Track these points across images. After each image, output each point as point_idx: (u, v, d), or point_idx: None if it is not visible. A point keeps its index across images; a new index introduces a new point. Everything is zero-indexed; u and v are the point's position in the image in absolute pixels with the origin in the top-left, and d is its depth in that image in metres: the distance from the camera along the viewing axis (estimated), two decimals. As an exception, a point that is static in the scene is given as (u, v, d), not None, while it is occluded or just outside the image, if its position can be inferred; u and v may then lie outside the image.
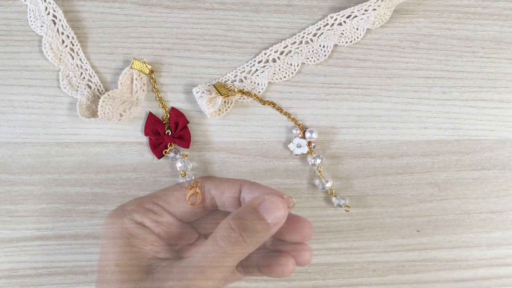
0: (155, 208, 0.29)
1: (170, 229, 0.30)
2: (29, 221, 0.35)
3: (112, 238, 0.28)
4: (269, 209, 0.27)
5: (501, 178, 0.39)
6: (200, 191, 0.31)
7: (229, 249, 0.26)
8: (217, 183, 0.30)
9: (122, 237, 0.28)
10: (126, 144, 0.37)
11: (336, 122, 0.38)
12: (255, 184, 0.30)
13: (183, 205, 0.30)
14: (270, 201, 0.27)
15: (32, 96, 0.37)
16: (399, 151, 0.38)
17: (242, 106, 0.38)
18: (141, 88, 0.37)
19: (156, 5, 0.39)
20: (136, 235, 0.28)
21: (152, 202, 0.29)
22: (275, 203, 0.27)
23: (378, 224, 0.37)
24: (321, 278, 0.37)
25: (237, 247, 0.26)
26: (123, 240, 0.28)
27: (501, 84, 0.40)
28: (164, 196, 0.30)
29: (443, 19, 0.41)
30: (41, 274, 0.35)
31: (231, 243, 0.26)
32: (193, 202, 0.30)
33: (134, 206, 0.29)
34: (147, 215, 0.29)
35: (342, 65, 0.39)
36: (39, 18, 0.37)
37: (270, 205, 0.27)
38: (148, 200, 0.30)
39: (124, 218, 0.28)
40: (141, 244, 0.28)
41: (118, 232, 0.28)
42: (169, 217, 0.30)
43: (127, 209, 0.29)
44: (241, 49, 0.39)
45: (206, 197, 0.30)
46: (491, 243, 0.38)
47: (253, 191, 0.29)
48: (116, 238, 0.28)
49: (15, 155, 0.36)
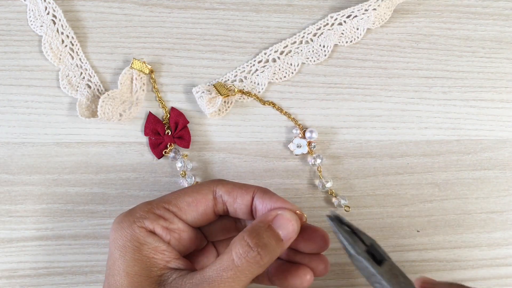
0: (166, 214, 0.28)
1: (181, 236, 0.29)
2: (28, 221, 0.35)
3: (122, 247, 0.26)
4: (283, 225, 0.27)
5: (501, 178, 0.39)
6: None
7: (246, 268, 0.25)
8: (229, 188, 0.29)
9: (132, 245, 0.26)
10: (126, 144, 0.37)
11: (336, 122, 0.38)
12: (267, 193, 0.29)
13: (194, 210, 0.29)
14: (283, 217, 0.27)
15: (32, 96, 0.37)
16: (399, 151, 0.38)
17: (242, 106, 0.38)
18: (141, 88, 0.37)
19: (156, 5, 0.39)
20: (146, 243, 0.27)
21: (162, 208, 0.28)
22: (288, 218, 0.27)
23: (378, 224, 0.37)
24: (321, 278, 0.37)
25: (254, 266, 0.25)
26: (133, 248, 0.26)
27: (501, 84, 0.40)
28: (174, 201, 0.28)
29: (443, 19, 0.41)
30: (40, 274, 0.35)
31: (248, 262, 0.25)
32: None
33: (144, 212, 0.28)
34: (158, 222, 0.27)
35: (342, 65, 0.39)
36: (38, 18, 0.37)
37: (284, 221, 0.27)
38: (158, 205, 0.28)
39: (134, 225, 0.27)
40: (151, 253, 0.27)
41: (128, 240, 0.27)
42: (180, 224, 0.28)
43: (137, 215, 0.27)
44: (241, 49, 0.39)
45: (217, 202, 0.29)
46: (492, 243, 0.38)
47: (266, 201, 0.28)
48: (126, 246, 0.26)
49: (15, 155, 0.36)
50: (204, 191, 0.29)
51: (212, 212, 0.29)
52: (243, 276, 0.25)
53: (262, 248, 0.25)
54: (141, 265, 0.26)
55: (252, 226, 0.27)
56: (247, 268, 0.25)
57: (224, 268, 0.25)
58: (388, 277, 0.25)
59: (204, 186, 0.29)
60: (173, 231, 0.28)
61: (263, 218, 0.27)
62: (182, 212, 0.28)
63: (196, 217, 0.29)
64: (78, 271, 0.35)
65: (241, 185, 0.29)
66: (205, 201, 0.29)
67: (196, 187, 0.29)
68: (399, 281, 0.25)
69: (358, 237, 0.27)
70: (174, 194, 0.29)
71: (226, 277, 0.25)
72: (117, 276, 0.26)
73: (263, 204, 0.28)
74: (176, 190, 0.29)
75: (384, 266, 0.26)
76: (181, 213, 0.28)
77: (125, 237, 0.27)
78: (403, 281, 0.25)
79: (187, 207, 0.28)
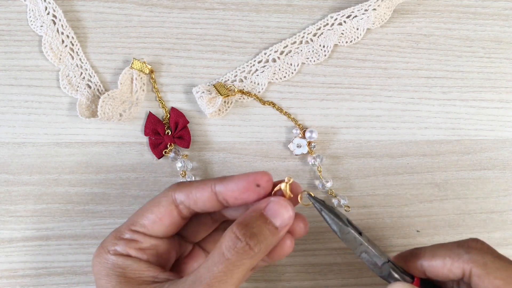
0: (135, 235, 0.28)
1: (158, 250, 0.28)
2: (28, 221, 0.35)
3: (106, 276, 0.26)
4: (277, 211, 0.26)
5: (501, 178, 0.39)
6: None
7: (237, 260, 0.24)
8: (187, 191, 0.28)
9: (115, 272, 0.26)
10: (126, 144, 0.37)
11: (336, 122, 0.38)
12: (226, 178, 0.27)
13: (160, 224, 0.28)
14: (276, 203, 0.26)
15: (32, 96, 0.37)
16: (399, 151, 0.38)
17: (242, 106, 0.38)
18: (141, 88, 0.37)
19: (156, 5, 0.39)
20: (127, 266, 0.27)
21: (129, 231, 0.28)
22: (282, 204, 0.26)
23: (378, 224, 0.37)
24: (321, 278, 0.37)
25: (245, 257, 0.24)
26: (117, 274, 0.26)
27: (501, 84, 0.40)
28: (140, 220, 0.28)
29: (443, 19, 0.41)
30: (41, 274, 0.35)
31: (238, 253, 0.24)
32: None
33: (114, 239, 0.27)
34: (130, 246, 0.27)
35: (342, 65, 0.39)
36: (39, 18, 0.37)
37: (277, 207, 0.26)
38: (125, 229, 0.28)
39: (108, 254, 0.27)
40: (136, 273, 0.27)
41: (110, 268, 0.27)
42: (152, 240, 0.28)
43: (107, 245, 0.27)
44: (241, 49, 0.39)
45: (180, 208, 0.28)
46: (492, 243, 0.37)
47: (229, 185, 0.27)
48: (110, 274, 0.26)
49: (15, 155, 0.36)
50: (164, 203, 0.28)
51: (179, 219, 0.28)
52: (235, 269, 0.24)
53: (251, 238, 0.24)
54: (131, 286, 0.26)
55: (243, 216, 0.26)
56: (238, 260, 0.24)
57: (215, 263, 0.24)
58: (372, 245, 0.28)
59: (163, 197, 0.28)
60: (147, 249, 0.28)
61: (255, 207, 0.26)
62: (149, 230, 0.28)
63: (165, 230, 0.28)
64: (78, 271, 0.35)
65: (198, 183, 0.28)
66: (168, 212, 0.28)
67: (155, 201, 0.28)
68: (379, 249, 0.28)
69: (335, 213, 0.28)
70: (138, 214, 0.28)
71: (217, 271, 0.24)
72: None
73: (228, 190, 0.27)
74: (139, 209, 0.29)
75: (364, 237, 0.28)
76: (149, 230, 0.28)
77: (106, 267, 0.27)
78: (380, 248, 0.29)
79: (152, 224, 0.28)
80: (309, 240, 0.37)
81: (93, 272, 0.27)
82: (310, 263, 0.37)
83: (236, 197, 0.27)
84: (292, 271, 0.37)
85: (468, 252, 0.27)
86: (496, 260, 0.26)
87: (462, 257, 0.27)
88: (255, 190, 0.26)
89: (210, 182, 0.27)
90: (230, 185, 0.27)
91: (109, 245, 0.27)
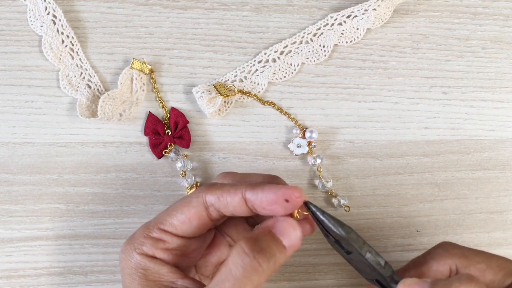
0: (163, 235, 0.28)
1: (185, 251, 0.28)
2: (28, 221, 0.35)
3: (129, 275, 0.27)
4: (284, 230, 0.25)
5: (501, 178, 0.39)
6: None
7: (244, 277, 0.24)
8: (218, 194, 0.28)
9: (138, 273, 0.27)
10: (126, 144, 0.37)
11: (336, 122, 0.38)
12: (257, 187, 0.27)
13: (189, 225, 0.28)
14: (284, 221, 0.26)
15: (32, 96, 0.37)
16: (399, 151, 0.38)
17: (242, 106, 0.38)
18: (141, 88, 0.37)
19: (156, 5, 0.39)
20: (150, 268, 0.27)
21: (158, 229, 0.28)
22: (291, 223, 0.26)
23: (378, 224, 0.37)
24: (321, 278, 0.37)
25: (253, 274, 0.24)
26: (139, 276, 0.27)
27: (501, 84, 0.40)
28: (169, 220, 0.28)
29: (443, 19, 0.41)
30: (40, 274, 0.35)
31: (245, 269, 0.24)
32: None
33: (142, 238, 0.28)
34: (157, 246, 0.27)
35: (342, 65, 0.39)
36: (39, 18, 0.37)
37: (285, 226, 0.26)
38: (154, 227, 0.28)
39: (135, 253, 0.27)
40: (156, 277, 0.27)
41: (133, 269, 0.27)
42: (180, 241, 0.28)
43: (135, 242, 0.28)
44: (241, 49, 0.39)
45: (210, 210, 0.28)
46: (492, 243, 0.38)
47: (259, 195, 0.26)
48: (133, 274, 0.27)
49: (15, 155, 0.36)
50: (194, 204, 0.28)
51: (208, 220, 0.28)
52: (242, 285, 0.24)
53: (259, 253, 0.24)
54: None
55: (250, 233, 0.26)
56: (246, 277, 0.24)
57: (222, 279, 0.24)
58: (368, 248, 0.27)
59: (193, 198, 0.28)
60: (174, 250, 0.28)
61: (263, 225, 0.26)
62: (178, 230, 0.28)
63: (193, 230, 0.28)
64: (78, 271, 0.35)
65: (229, 187, 0.28)
66: (197, 213, 0.28)
67: (186, 201, 0.28)
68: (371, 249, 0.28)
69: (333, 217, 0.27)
70: (167, 212, 0.28)
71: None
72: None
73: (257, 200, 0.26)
74: (169, 207, 0.29)
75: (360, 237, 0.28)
76: (177, 231, 0.28)
77: (130, 267, 0.27)
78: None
79: (181, 224, 0.28)
80: (309, 240, 0.37)
81: (120, 268, 0.28)
82: (310, 263, 0.37)
83: (264, 208, 0.26)
84: (292, 271, 0.37)
85: (447, 250, 0.29)
86: (470, 250, 0.29)
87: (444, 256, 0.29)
88: (282, 204, 0.26)
89: (241, 188, 0.27)
90: (260, 195, 0.26)
91: (137, 243, 0.28)
